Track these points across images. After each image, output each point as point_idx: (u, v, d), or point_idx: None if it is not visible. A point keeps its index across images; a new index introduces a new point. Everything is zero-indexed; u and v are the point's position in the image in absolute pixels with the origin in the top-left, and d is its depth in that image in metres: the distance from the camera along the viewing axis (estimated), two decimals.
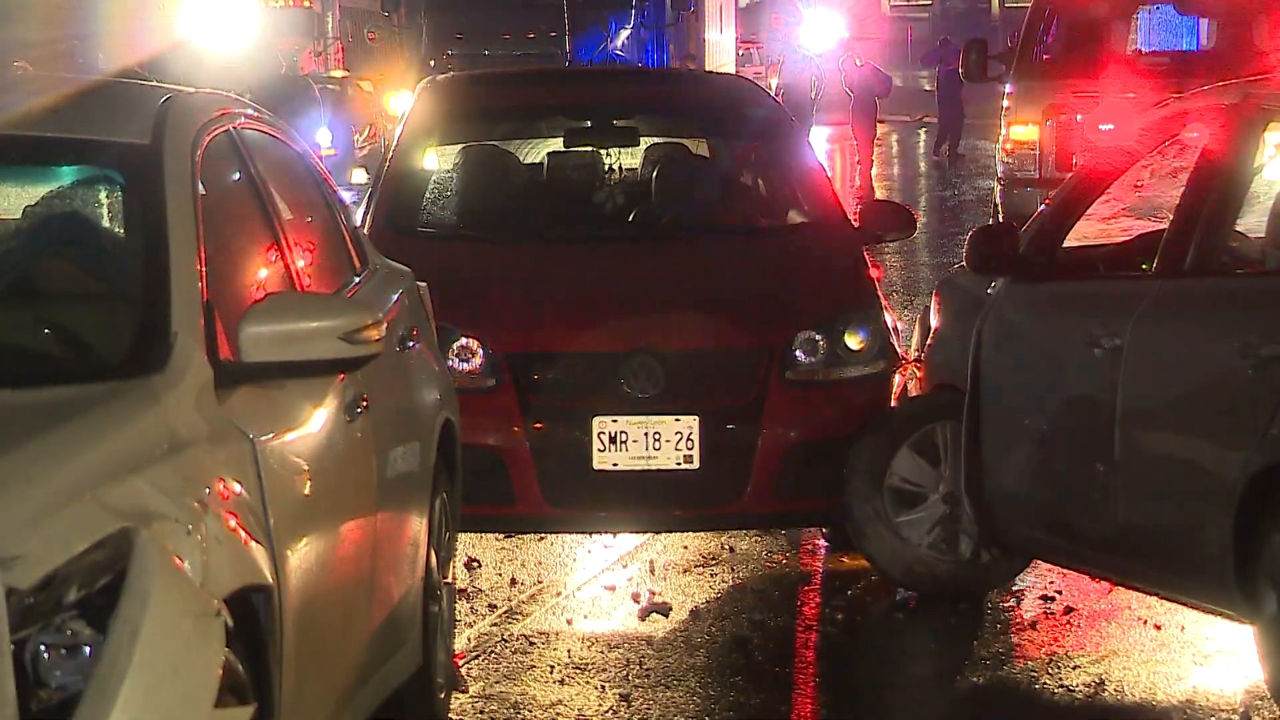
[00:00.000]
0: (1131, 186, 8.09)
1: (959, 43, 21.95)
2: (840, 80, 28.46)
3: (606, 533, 8.06)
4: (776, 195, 8.81)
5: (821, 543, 8.12)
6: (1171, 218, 6.61)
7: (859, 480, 7.35)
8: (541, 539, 8.16)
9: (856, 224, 8.50)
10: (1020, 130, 15.57)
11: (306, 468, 4.48)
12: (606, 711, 6.06)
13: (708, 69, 25.99)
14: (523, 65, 20.95)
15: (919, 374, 7.84)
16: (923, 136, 37.50)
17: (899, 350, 7.84)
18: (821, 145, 29.45)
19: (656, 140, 9.12)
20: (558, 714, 6.03)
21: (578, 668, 6.52)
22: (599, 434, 7.38)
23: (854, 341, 7.63)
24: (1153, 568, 6.35)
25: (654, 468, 7.38)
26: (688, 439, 7.38)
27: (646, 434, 7.39)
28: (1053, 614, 7.12)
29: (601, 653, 6.71)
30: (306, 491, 4.44)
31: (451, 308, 7.08)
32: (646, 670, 6.49)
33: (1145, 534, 6.33)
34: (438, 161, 8.94)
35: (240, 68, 20.52)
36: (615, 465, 7.39)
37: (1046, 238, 7.15)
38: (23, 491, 3.52)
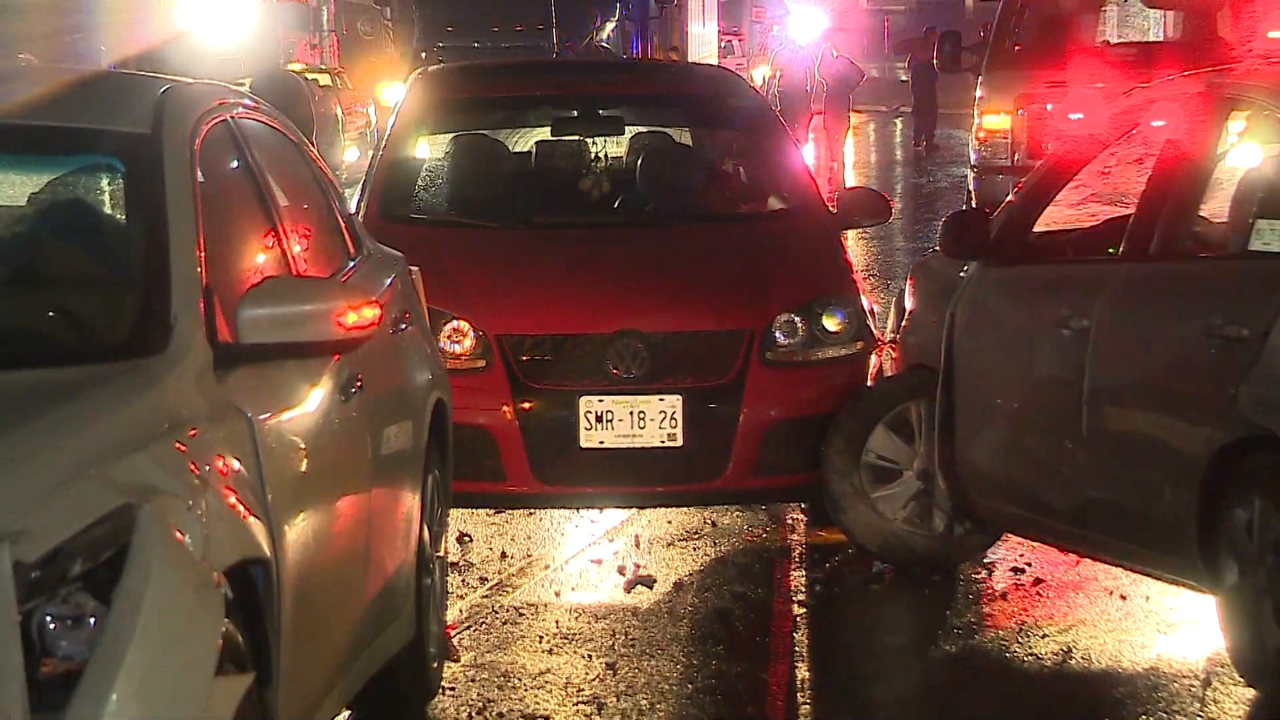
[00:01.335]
0: (1099, 173, 8.09)
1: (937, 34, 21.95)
2: (815, 71, 28.44)
3: (593, 508, 8.06)
4: (756, 182, 8.82)
5: (800, 517, 8.13)
6: (1138, 203, 6.63)
7: (837, 457, 7.37)
8: (530, 514, 8.17)
9: (834, 210, 8.51)
10: (993, 119, 15.59)
11: (303, 445, 4.48)
12: (593, 680, 6.07)
13: (690, 60, 25.98)
14: (512, 57, 20.92)
15: (894, 354, 7.85)
16: (899, 126, 37.49)
17: (875, 332, 7.86)
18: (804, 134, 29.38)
19: (641, 129, 9.12)
20: (546, 682, 6.04)
21: (565, 638, 6.53)
22: (586, 413, 7.39)
23: (831, 323, 7.64)
24: (1119, 540, 6.37)
25: (639, 445, 7.39)
26: (671, 418, 7.39)
27: (632, 413, 7.40)
28: (1023, 585, 7.14)
29: (588, 623, 6.72)
30: (303, 468, 4.44)
31: (443, 291, 7.09)
32: (632, 640, 6.50)
33: (1112, 508, 6.35)
34: (430, 150, 8.94)
35: (239, 60, 20.46)
36: (601, 443, 7.40)
37: (1017, 223, 7.16)
38: (29, 468, 3.52)
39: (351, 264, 5.70)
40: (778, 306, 7.59)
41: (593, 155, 9.04)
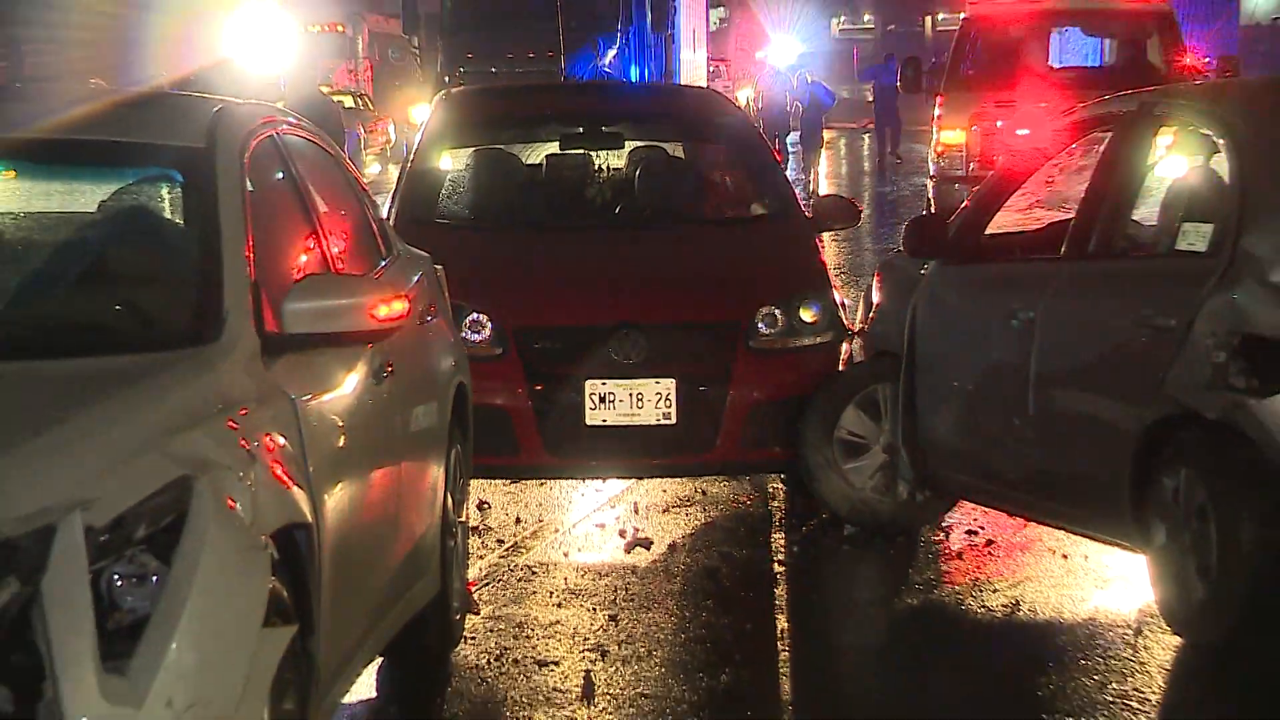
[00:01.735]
0: (1044, 182, 8.09)
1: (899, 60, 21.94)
2: (792, 92, 28.44)
3: (597, 478, 8.06)
4: (741, 190, 8.81)
5: (780, 486, 8.13)
6: (1078, 209, 6.62)
7: (812, 433, 7.37)
8: (542, 484, 8.17)
9: (809, 215, 8.50)
10: (949, 135, 15.60)
11: (341, 424, 4.48)
12: (597, 630, 6.07)
13: (683, 83, 25.91)
14: (524, 80, 20.88)
15: (863, 343, 7.85)
16: (866, 141, 37.42)
17: (846, 322, 7.85)
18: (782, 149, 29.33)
19: (639, 144, 9.11)
20: (556, 632, 6.04)
21: (573, 593, 6.53)
22: (590, 395, 7.38)
23: (808, 315, 7.63)
24: (1062, 505, 6.37)
25: (637, 423, 7.39)
26: (666, 399, 7.39)
27: (631, 394, 7.39)
28: (976, 546, 7.14)
29: (593, 580, 6.72)
30: (341, 444, 4.44)
31: (464, 287, 7.08)
32: (631, 595, 6.50)
33: (1055, 477, 6.35)
34: (452, 162, 8.93)
35: (279, 83, 20.39)
36: (605, 421, 7.40)
37: (971, 226, 7.16)
38: (99, 444, 3.53)
39: (383, 263, 5.69)
40: (760, 300, 7.58)
41: (596, 167, 9.03)
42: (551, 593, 6.53)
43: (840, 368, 7.69)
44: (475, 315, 7.46)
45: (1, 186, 4.91)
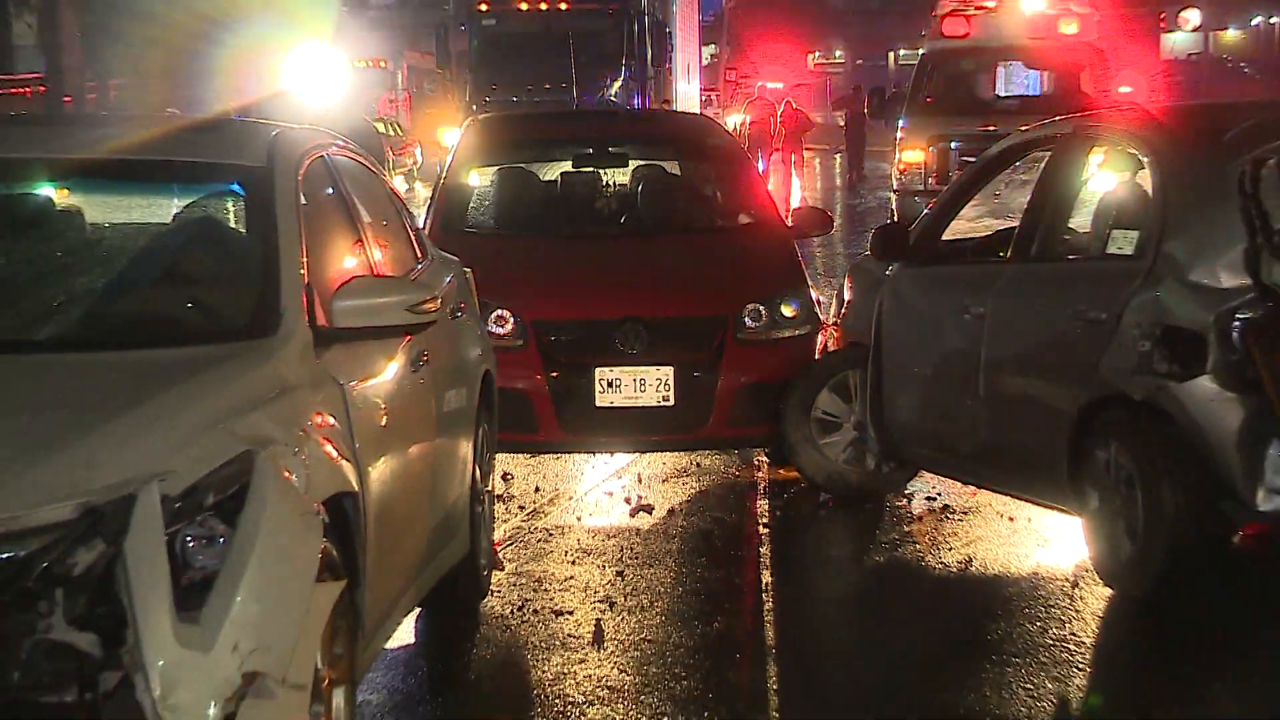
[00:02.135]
0: (992, 195, 8.07)
1: (866, 90, 21.99)
2: (776, 118, 28.39)
3: (606, 452, 8.05)
4: (729, 202, 8.79)
5: (764, 459, 8.12)
6: (1021, 218, 6.61)
7: (792, 413, 7.35)
8: (558, 457, 8.16)
9: (789, 224, 8.49)
10: (910, 154, 15.60)
11: (383, 406, 4.47)
12: (606, 584, 6.06)
13: (679, 110, 25.94)
14: (541, 108, 20.90)
15: (836, 334, 7.83)
16: (838, 161, 37.37)
17: (821, 317, 7.84)
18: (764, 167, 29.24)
19: (641, 162, 9.10)
20: (570, 586, 6.03)
21: (585, 552, 6.52)
22: (600, 380, 7.37)
23: (788, 311, 7.62)
24: (1008, 475, 6.36)
25: (640, 405, 7.38)
26: (665, 384, 7.38)
27: (635, 380, 7.38)
28: (934, 510, 7.13)
29: (602, 541, 6.71)
30: (383, 423, 4.43)
31: (491, 287, 7.06)
32: (636, 554, 6.49)
33: (1002, 450, 6.34)
34: (479, 179, 8.92)
35: (329, 111, 20.40)
36: (612, 403, 7.38)
37: (930, 233, 7.14)
38: (173, 423, 3.52)
39: (419, 266, 5.68)
40: (747, 298, 7.57)
41: (604, 183, 9.02)
42: (566, 551, 6.53)
43: (816, 356, 7.68)
44: (500, 311, 7.45)
45: (86, 200, 4.90)
